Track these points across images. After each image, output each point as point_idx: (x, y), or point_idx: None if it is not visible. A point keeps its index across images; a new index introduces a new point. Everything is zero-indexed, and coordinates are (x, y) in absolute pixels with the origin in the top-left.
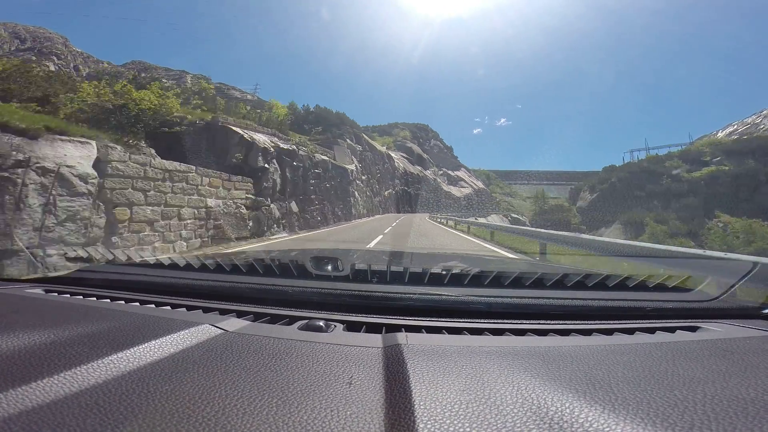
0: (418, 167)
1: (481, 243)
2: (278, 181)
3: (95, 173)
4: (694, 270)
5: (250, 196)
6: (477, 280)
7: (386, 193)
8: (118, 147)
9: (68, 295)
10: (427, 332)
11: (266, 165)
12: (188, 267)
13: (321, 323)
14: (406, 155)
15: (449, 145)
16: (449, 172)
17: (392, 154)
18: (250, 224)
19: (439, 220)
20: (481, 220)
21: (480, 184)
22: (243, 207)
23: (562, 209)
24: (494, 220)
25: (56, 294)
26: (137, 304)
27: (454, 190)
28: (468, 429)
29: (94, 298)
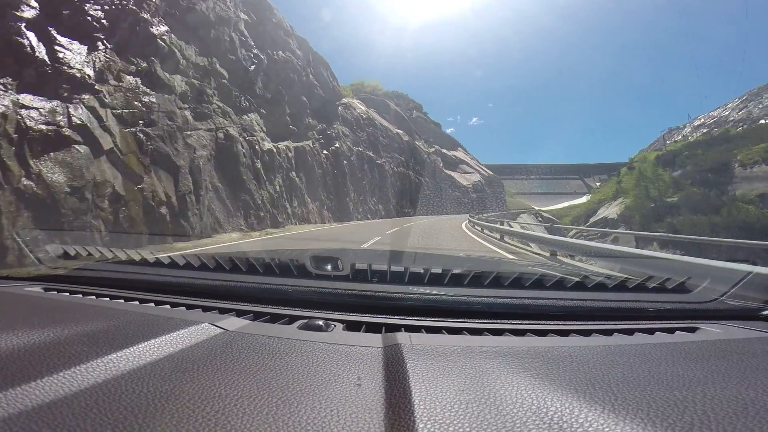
0: (403, 132)
1: None
2: None
3: None
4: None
5: None
6: (477, 280)
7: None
8: None
9: (67, 294)
10: (426, 332)
11: None
12: (188, 266)
13: (321, 323)
14: (378, 112)
15: (437, 122)
16: (444, 151)
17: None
18: None
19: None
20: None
21: (487, 170)
22: None
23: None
24: (535, 228)
25: (55, 292)
26: (136, 302)
27: (457, 177)
28: (468, 429)
29: (94, 297)
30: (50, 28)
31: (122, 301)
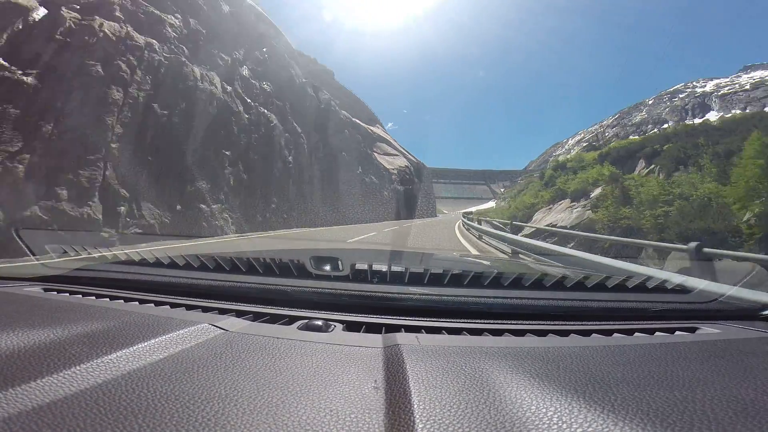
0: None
1: None
2: None
3: None
4: None
5: None
6: (477, 280)
7: None
8: None
9: (67, 294)
10: (426, 332)
11: None
12: (188, 266)
13: (320, 323)
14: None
15: (348, 89)
16: (358, 121)
17: None
18: None
19: None
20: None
21: (415, 157)
22: None
23: None
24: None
25: (55, 292)
26: (136, 303)
27: (379, 158)
28: (467, 429)
29: (93, 297)
30: None
31: (122, 301)
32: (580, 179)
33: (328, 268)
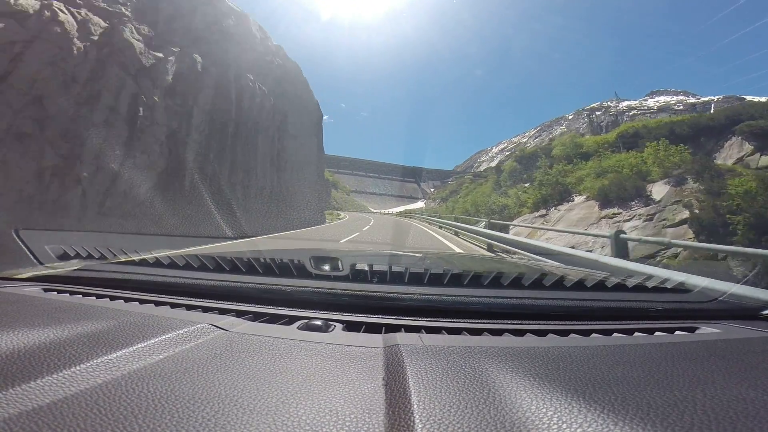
0: None
1: None
2: None
3: None
4: None
5: None
6: (476, 280)
7: None
8: None
9: (67, 294)
10: (426, 332)
11: None
12: (188, 266)
13: (320, 323)
14: None
15: None
16: None
17: None
18: None
19: None
20: None
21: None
22: None
23: None
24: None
25: (55, 293)
26: (136, 303)
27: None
28: (467, 429)
29: (93, 297)
30: None
31: (122, 301)
32: (602, 169)
33: (327, 268)
